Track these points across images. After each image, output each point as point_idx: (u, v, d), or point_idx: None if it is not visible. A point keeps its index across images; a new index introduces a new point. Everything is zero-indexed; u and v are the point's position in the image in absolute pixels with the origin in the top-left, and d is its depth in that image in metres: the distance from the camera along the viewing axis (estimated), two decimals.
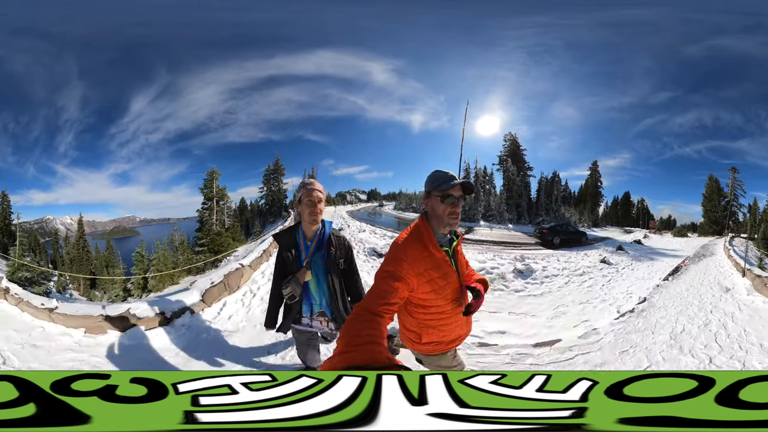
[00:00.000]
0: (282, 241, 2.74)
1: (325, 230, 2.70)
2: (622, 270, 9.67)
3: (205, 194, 10.20)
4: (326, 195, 2.66)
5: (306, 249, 2.69)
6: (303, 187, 2.60)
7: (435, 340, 1.98)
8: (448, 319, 1.95)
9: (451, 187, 1.76)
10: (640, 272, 9.54)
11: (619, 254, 11.18)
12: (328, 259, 2.65)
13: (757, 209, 12.40)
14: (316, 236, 2.67)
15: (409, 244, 1.78)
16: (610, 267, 9.78)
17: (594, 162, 14.84)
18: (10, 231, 9.37)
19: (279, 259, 2.76)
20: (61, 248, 10.80)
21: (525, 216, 14.87)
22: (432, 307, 1.90)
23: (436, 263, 1.82)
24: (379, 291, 1.61)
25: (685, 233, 14.26)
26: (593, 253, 11.06)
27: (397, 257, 1.74)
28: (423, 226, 1.83)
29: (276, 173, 13.21)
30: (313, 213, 2.56)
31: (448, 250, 1.90)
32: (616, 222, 15.08)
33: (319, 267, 2.68)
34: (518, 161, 14.85)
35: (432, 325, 1.95)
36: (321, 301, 2.74)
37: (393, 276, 1.67)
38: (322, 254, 2.67)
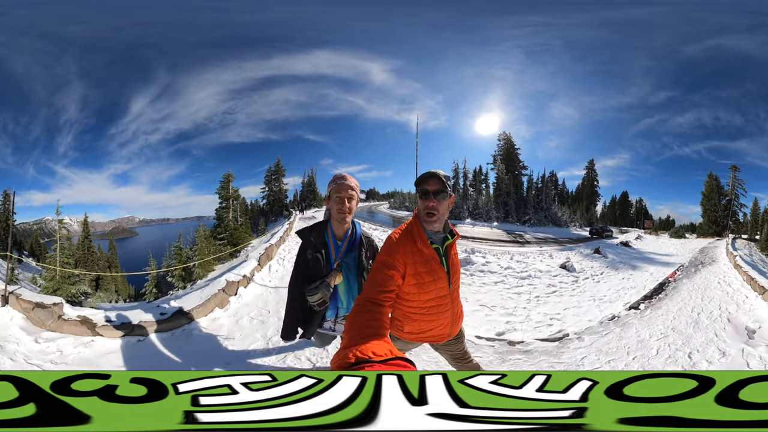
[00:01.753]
0: (309, 239, 2.44)
1: (356, 230, 2.48)
2: (582, 282, 7.62)
3: (222, 195, 11.23)
4: (358, 192, 2.39)
5: (336, 249, 2.44)
6: (333, 182, 2.34)
7: (415, 330, 2.05)
8: (429, 315, 1.99)
9: (422, 182, 1.83)
10: (603, 287, 7.18)
11: (593, 259, 9.70)
12: (360, 261, 2.45)
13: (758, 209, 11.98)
14: (348, 236, 2.44)
15: (400, 237, 1.86)
16: (568, 275, 8.03)
17: (590, 161, 14.79)
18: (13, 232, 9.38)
19: (302, 259, 2.44)
20: (64, 249, 10.78)
21: (512, 214, 14.88)
22: (414, 302, 1.95)
23: (424, 259, 1.87)
24: (377, 280, 1.68)
25: (682, 234, 13.57)
26: (561, 255, 9.83)
27: (389, 248, 1.83)
28: (414, 222, 1.91)
29: (277, 174, 13.32)
30: (341, 211, 2.31)
31: (439, 248, 1.93)
32: (614, 222, 15.03)
33: (350, 269, 2.46)
34: (512, 160, 14.87)
35: (413, 318, 2.01)
36: (348, 305, 2.50)
37: (387, 265, 1.75)
38: (354, 256, 2.45)
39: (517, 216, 14.90)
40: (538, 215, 14.90)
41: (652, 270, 8.84)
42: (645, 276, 8.27)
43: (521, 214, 14.93)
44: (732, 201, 12.76)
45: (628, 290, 7.06)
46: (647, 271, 8.81)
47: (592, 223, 14.98)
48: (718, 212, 12.95)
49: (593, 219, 15.15)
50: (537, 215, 14.88)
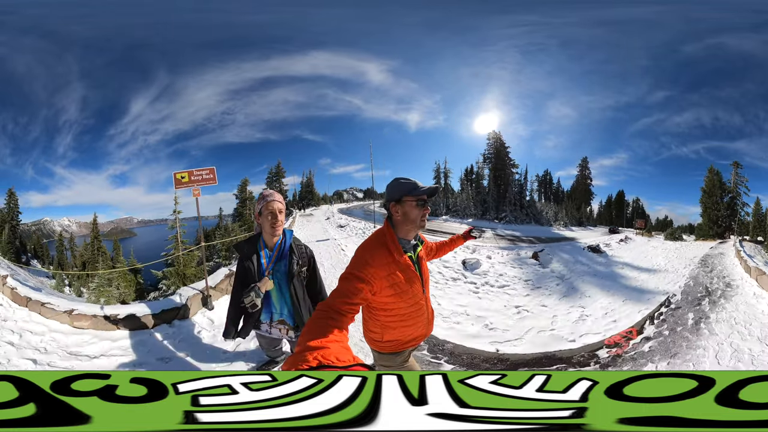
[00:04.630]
0: (243, 250, 2.71)
1: (286, 240, 2.69)
2: (458, 285, 5.71)
3: (241, 197, 12.51)
4: (285, 206, 2.67)
5: (267, 258, 2.68)
6: (262, 199, 2.59)
7: (396, 338, 2.07)
8: (408, 320, 2.03)
9: (425, 193, 1.86)
10: (477, 303, 5.10)
11: (523, 264, 7.46)
12: (290, 269, 2.65)
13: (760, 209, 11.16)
14: (278, 246, 2.67)
15: (375, 249, 1.85)
16: (459, 272, 6.23)
17: (583, 158, 14.67)
18: (17, 232, 9.40)
19: (240, 268, 2.72)
20: (67, 249, 10.78)
21: (490, 212, 14.87)
22: (393, 310, 1.98)
23: (399, 268, 1.88)
24: (344, 291, 1.66)
25: (679, 236, 12.13)
26: (496, 253, 7.92)
27: (362, 261, 1.80)
28: (388, 232, 1.90)
29: (278, 176, 13.54)
30: (273, 225, 2.57)
31: (412, 255, 1.98)
32: (610, 221, 14.91)
33: (281, 276, 2.68)
34: (502, 159, 14.88)
35: (393, 326, 2.03)
36: (282, 309, 2.74)
37: (358, 278, 1.73)
38: (285, 264, 2.67)
39: (496, 213, 14.89)
40: (515, 213, 14.87)
41: (603, 302, 5.14)
42: (574, 314, 4.59)
43: (500, 211, 14.92)
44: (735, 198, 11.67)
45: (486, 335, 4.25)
46: (595, 301, 5.14)
47: (582, 222, 14.91)
48: (720, 211, 11.78)
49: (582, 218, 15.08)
50: (515, 213, 14.86)
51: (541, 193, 15.51)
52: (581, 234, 13.99)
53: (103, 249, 10.91)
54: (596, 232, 14.38)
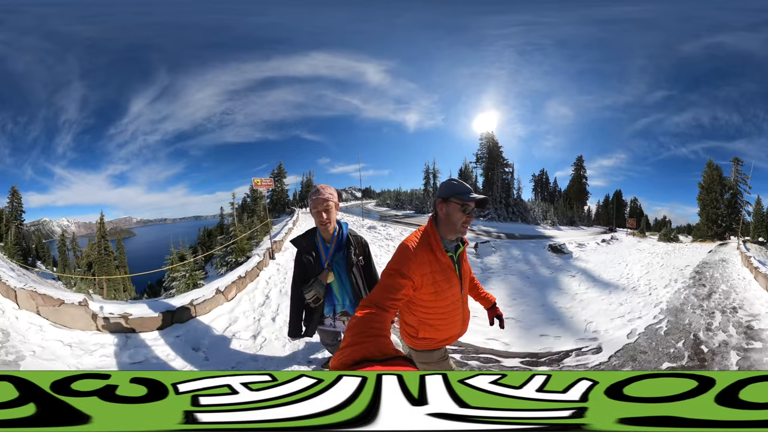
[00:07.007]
0: (301, 245, 2.75)
1: (342, 231, 2.74)
2: None
3: (253, 196, 12.78)
4: (336, 198, 2.66)
5: (326, 251, 2.72)
6: (311, 197, 2.62)
7: (430, 336, 2.08)
8: (446, 319, 2.05)
9: (473, 200, 1.84)
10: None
11: None
12: (349, 259, 2.69)
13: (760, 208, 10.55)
14: (335, 238, 2.71)
15: (418, 247, 1.86)
16: None
17: (578, 157, 14.57)
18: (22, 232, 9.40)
19: (298, 263, 2.76)
20: (68, 250, 10.76)
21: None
22: (432, 308, 1.99)
23: (441, 267, 1.90)
24: (386, 286, 1.70)
25: (675, 237, 11.32)
26: None
27: (405, 257, 1.82)
28: (432, 231, 1.91)
29: (279, 176, 13.70)
30: (321, 222, 2.62)
31: (453, 255, 1.98)
32: (608, 221, 14.86)
33: (341, 267, 2.72)
34: (494, 159, 14.90)
35: (430, 324, 2.04)
36: (344, 300, 2.77)
37: (400, 274, 1.75)
38: (343, 254, 2.71)
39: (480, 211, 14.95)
40: (499, 210, 14.89)
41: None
42: None
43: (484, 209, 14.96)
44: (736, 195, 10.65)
45: None
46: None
47: (574, 221, 14.91)
48: (719, 209, 10.80)
49: (575, 217, 15.05)
50: (499, 210, 14.88)
51: (537, 193, 15.51)
52: (567, 233, 13.81)
53: (109, 248, 10.90)
54: (586, 231, 14.25)
